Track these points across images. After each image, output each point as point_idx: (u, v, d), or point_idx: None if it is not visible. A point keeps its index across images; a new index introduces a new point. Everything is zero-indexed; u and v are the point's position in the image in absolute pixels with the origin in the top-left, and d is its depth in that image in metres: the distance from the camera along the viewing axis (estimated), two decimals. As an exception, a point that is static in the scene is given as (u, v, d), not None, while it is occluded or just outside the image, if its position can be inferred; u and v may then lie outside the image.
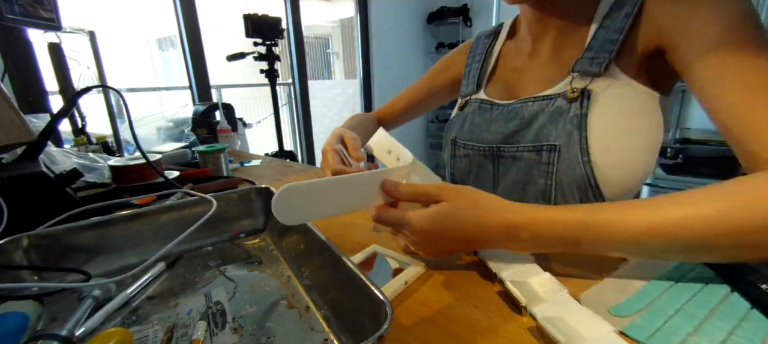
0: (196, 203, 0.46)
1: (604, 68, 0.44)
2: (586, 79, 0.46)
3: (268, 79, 1.80)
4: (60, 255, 0.38)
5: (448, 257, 0.40)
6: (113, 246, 0.41)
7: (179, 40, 1.89)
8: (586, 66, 0.46)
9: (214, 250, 0.44)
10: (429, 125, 3.35)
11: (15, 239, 0.36)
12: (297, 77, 2.50)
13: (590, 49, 0.47)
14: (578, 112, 0.46)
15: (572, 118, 0.46)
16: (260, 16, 1.66)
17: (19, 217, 0.41)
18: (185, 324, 0.30)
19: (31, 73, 1.23)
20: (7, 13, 0.89)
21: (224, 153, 0.82)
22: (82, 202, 0.51)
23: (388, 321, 0.22)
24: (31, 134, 0.50)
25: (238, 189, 0.50)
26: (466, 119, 0.60)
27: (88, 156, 0.70)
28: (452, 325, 0.29)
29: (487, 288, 0.34)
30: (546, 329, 0.26)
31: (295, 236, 0.41)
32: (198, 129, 1.24)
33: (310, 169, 0.85)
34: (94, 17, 3.68)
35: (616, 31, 0.45)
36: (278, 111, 1.89)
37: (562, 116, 0.47)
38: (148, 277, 0.37)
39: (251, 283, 0.36)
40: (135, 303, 0.34)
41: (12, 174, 0.46)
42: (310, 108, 2.62)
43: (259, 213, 0.50)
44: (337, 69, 5.14)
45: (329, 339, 0.28)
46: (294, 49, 2.44)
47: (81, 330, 0.29)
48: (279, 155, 1.92)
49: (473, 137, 0.58)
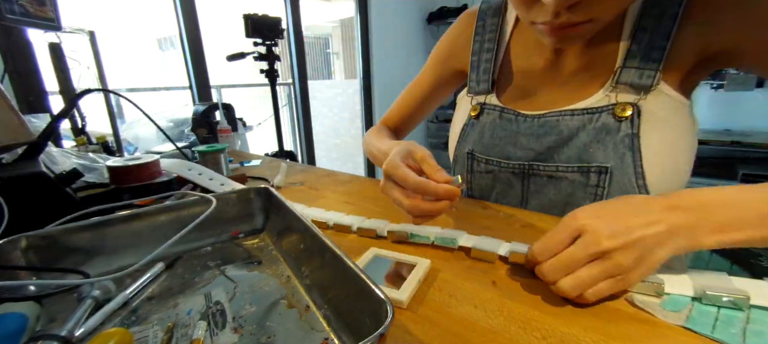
0: (195, 203, 0.46)
1: (656, 80, 0.41)
2: (636, 94, 0.43)
3: (268, 79, 1.80)
4: (59, 256, 0.38)
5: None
6: (112, 247, 0.41)
7: (179, 40, 1.89)
8: (634, 79, 0.42)
9: (213, 250, 0.44)
10: (429, 125, 3.35)
11: (13, 240, 0.36)
12: (297, 77, 2.50)
13: (633, 56, 0.43)
14: (629, 131, 0.43)
15: (623, 138, 0.43)
16: (260, 16, 1.66)
17: (19, 217, 0.41)
18: (185, 324, 0.30)
19: (31, 73, 1.23)
20: (7, 13, 0.89)
21: (224, 153, 0.82)
22: (81, 202, 0.51)
23: (389, 319, 0.22)
24: (31, 134, 0.50)
25: (237, 189, 0.50)
26: (483, 130, 0.54)
27: (88, 156, 0.70)
28: (452, 325, 0.29)
29: (487, 288, 0.34)
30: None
31: (294, 236, 0.41)
32: (198, 129, 1.24)
33: (310, 169, 0.85)
34: (94, 17, 3.68)
35: (662, 37, 0.41)
36: (278, 111, 1.89)
37: (610, 135, 0.44)
38: (148, 277, 0.37)
39: (251, 283, 0.36)
40: (134, 304, 0.34)
41: (12, 174, 0.46)
42: (310, 108, 2.62)
43: (258, 213, 0.50)
44: (337, 69, 5.14)
45: (330, 338, 0.28)
46: (294, 49, 2.44)
47: (80, 331, 0.29)
48: (279, 155, 1.92)
49: (496, 152, 0.52)
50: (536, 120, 0.49)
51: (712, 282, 0.30)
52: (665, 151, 0.43)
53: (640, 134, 0.43)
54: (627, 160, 0.43)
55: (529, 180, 0.51)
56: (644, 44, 0.42)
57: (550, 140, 0.48)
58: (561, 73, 0.49)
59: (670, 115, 0.43)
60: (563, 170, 0.47)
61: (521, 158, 0.50)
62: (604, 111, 0.44)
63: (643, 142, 0.42)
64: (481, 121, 0.55)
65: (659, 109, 0.42)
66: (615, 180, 0.44)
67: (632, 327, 0.28)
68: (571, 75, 0.49)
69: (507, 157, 0.52)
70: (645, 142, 0.42)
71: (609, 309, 0.30)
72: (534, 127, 0.49)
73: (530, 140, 0.49)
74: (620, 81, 0.43)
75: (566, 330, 0.28)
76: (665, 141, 0.43)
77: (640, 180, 0.43)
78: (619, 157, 0.44)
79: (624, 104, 0.43)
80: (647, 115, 0.42)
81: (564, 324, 0.28)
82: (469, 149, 0.55)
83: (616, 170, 0.44)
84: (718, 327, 0.27)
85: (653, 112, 0.42)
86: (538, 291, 0.33)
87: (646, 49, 0.42)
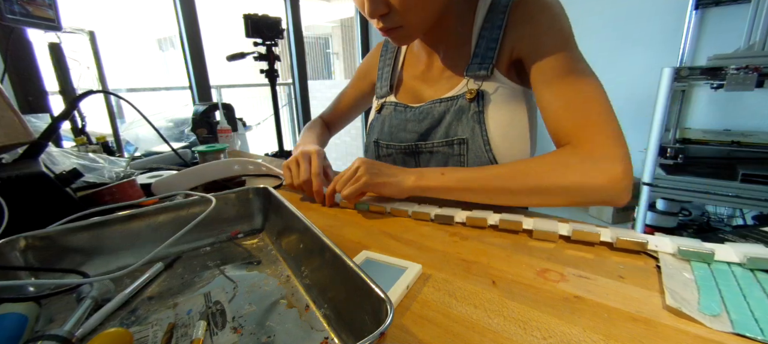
0: (195, 203, 0.46)
1: (490, 71, 0.56)
2: (479, 81, 0.58)
3: (268, 79, 1.80)
4: (57, 256, 0.38)
5: (444, 253, 0.40)
6: (111, 247, 0.41)
7: (179, 40, 1.89)
8: (476, 70, 0.57)
9: (212, 250, 0.44)
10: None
11: (12, 240, 0.36)
12: (297, 77, 2.50)
13: (476, 55, 0.58)
14: (476, 109, 0.57)
15: (473, 115, 0.58)
16: (260, 16, 1.66)
17: (19, 217, 0.41)
18: (185, 324, 0.30)
19: (31, 73, 1.23)
20: (7, 13, 0.89)
21: (224, 153, 0.82)
22: (81, 202, 0.51)
23: (389, 318, 0.22)
24: (31, 134, 0.50)
25: (236, 189, 0.50)
26: (384, 122, 0.70)
27: (88, 156, 0.70)
28: (452, 325, 0.29)
29: (487, 288, 0.34)
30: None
31: (294, 236, 0.41)
32: (198, 129, 1.23)
33: (310, 169, 0.85)
34: (94, 17, 3.68)
35: (492, 41, 0.56)
36: (278, 111, 1.88)
37: (464, 114, 0.58)
38: (147, 277, 0.37)
39: (250, 283, 0.36)
40: (134, 304, 0.34)
41: (12, 174, 0.46)
42: (310, 108, 2.62)
43: (257, 213, 0.50)
44: (337, 69, 5.14)
45: (330, 338, 0.28)
46: (294, 49, 2.44)
47: (80, 331, 0.29)
48: (279, 155, 1.92)
49: (393, 137, 0.68)
50: (418, 110, 0.64)
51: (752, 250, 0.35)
52: (505, 123, 0.57)
53: (484, 111, 0.57)
54: (476, 131, 0.57)
55: (418, 157, 0.66)
56: (483, 47, 0.57)
57: (427, 123, 0.63)
58: (433, 74, 0.66)
59: (506, 97, 0.57)
60: (437, 146, 0.62)
61: (409, 140, 0.66)
62: (461, 97, 0.59)
63: (488, 116, 0.57)
64: (382, 114, 0.71)
65: (496, 91, 0.57)
66: (470, 149, 0.58)
67: (632, 327, 0.28)
68: (440, 73, 0.65)
69: (400, 140, 0.67)
70: (489, 116, 0.57)
71: (609, 309, 0.30)
72: (416, 115, 0.64)
73: (414, 125, 0.64)
74: (468, 73, 0.58)
75: (566, 330, 0.28)
76: (504, 116, 0.57)
77: (487, 145, 0.57)
78: (471, 130, 0.58)
79: (472, 89, 0.57)
80: (488, 96, 0.57)
81: (564, 324, 0.28)
82: (376, 138, 0.71)
83: (470, 140, 0.58)
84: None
85: (491, 95, 0.57)
86: (538, 291, 0.33)
87: (484, 49, 0.57)
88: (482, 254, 0.40)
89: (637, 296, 0.31)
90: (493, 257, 0.39)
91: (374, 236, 0.46)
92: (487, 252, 0.40)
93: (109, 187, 0.55)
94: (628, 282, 0.33)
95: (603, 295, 0.32)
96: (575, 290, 0.32)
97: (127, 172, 0.67)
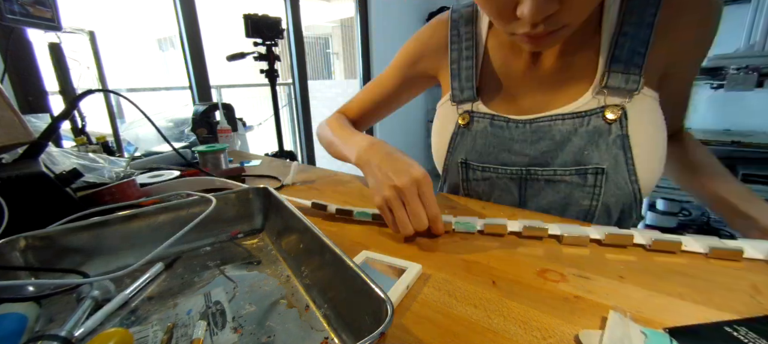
0: (195, 203, 0.46)
1: (640, 86, 0.44)
2: (622, 96, 0.45)
3: (268, 79, 1.80)
4: (57, 256, 0.38)
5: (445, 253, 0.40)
6: (111, 247, 0.41)
7: (179, 40, 1.89)
8: (621, 83, 0.45)
9: (212, 250, 0.44)
10: (428, 125, 3.35)
11: (12, 240, 0.36)
12: (297, 77, 2.50)
13: (617, 61, 0.45)
14: (619, 132, 0.45)
15: (615, 140, 0.46)
16: (260, 16, 1.66)
17: (19, 217, 0.41)
18: (185, 324, 0.30)
19: (31, 73, 1.23)
20: (7, 13, 0.89)
21: (224, 153, 0.82)
22: (81, 202, 0.51)
23: (389, 318, 0.22)
24: (31, 134, 0.50)
25: (236, 189, 0.50)
26: (475, 138, 0.54)
27: (88, 156, 0.70)
28: (452, 325, 0.29)
29: (487, 288, 0.34)
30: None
31: (294, 236, 0.41)
32: (198, 129, 1.23)
33: (310, 169, 0.85)
34: (94, 17, 3.68)
35: (641, 43, 0.44)
36: (278, 111, 1.88)
37: (602, 137, 0.46)
38: (147, 277, 0.37)
39: (251, 283, 0.36)
40: (134, 304, 0.34)
41: (12, 174, 0.46)
42: (310, 108, 2.62)
43: (257, 213, 0.50)
44: (337, 69, 5.14)
45: (330, 338, 0.28)
46: (294, 49, 2.44)
47: (80, 331, 0.29)
48: (279, 155, 1.92)
49: (490, 159, 0.53)
50: (528, 126, 0.50)
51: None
52: (651, 147, 0.46)
53: (629, 134, 0.45)
54: (620, 159, 0.46)
55: (527, 185, 0.52)
56: (627, 50, 0.45)
57: (544, 145, 0.49)
58: (540, 75, 0.51)
59: (651, 114, 0.46)
60: (561, 174, 0.49)
61: (517, 164, 0.52)
62: (593, 114, 0.46)
63: (633, 141, 0.45)
64: (471, 129, 0.55)
65: (643, 109, 0.45)
66: (610, 180, 0.47)
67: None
68: (550, 76, 0.50)
69: (503, 163, 0.53)
70: (634, 142, 0.45)
71: (609, 309, 0.30)
72: (526, 133, 0.50)
73: (524, 146, 0.51)
74: (608, 85, 0.45)
75: (566, 330, 0.28)
76: (650, 138, 0.46)
77: (633, 176, 0.46)
78: (612, 158, 0.46)
79: (612, 107, 0.45)
80: (633, 115, 0.45)
81: (564, 324, 0.28)
82: (463, 158, 0.56)
83: (611, 170, 0.46)
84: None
85: (638, 113, 0.45)
86: (538, 291, 0.33)
87: (628, 53, 0.45)
88: (482, 254, 0.40)
89: (637, 296, 0.31)
90: (493, 257, 0.39)
91: (374, 236, 0.46)
92: (487, 252, 0.40)
93: (109, 187, 0.55)
94: (628, 282, 0.33)
95: (603, 295, 0.32)
96: (575, 290, 0.32)
97: (127, 172, 0.67)
